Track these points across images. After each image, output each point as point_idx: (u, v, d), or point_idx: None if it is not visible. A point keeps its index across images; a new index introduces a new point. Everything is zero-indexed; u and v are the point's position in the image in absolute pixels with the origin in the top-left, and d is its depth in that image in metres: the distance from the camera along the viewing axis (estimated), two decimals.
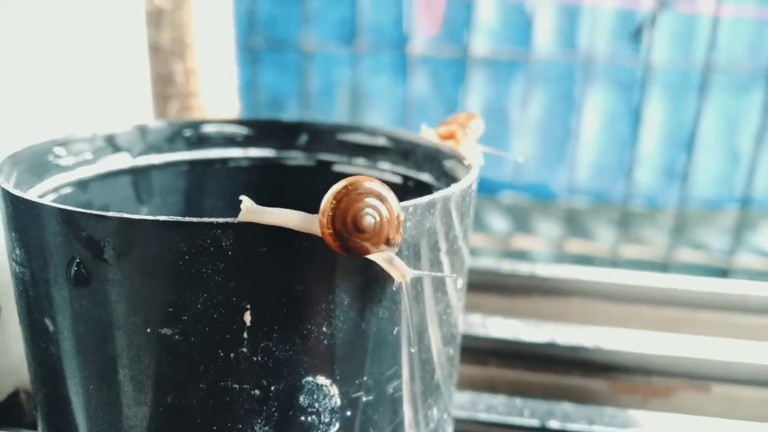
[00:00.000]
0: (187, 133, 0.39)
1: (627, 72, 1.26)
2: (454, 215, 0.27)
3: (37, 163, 0.32)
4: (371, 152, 0.39)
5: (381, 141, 0.38)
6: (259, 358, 0.23)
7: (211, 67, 0.55)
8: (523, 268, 0.53)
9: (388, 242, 0.23)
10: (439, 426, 0.31)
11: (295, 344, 0.24)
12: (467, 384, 0.45)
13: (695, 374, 0.45)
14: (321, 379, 0.24)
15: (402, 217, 0.23)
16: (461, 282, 0.30)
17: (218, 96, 0.56)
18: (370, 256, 0.23)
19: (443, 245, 0.27)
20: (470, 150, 0.33)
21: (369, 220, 0.22)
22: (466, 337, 0.46)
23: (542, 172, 1.33)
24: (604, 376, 0.46)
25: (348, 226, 0.22)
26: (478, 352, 0.46)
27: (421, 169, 0.37)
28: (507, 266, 0.53)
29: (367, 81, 1.28)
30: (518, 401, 0.40)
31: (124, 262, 0.22)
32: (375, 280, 0.24)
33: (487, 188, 1.32)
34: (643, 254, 1.19)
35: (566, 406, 0.40)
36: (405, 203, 0.24)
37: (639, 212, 1.34)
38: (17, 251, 0.25)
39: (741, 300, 0.50)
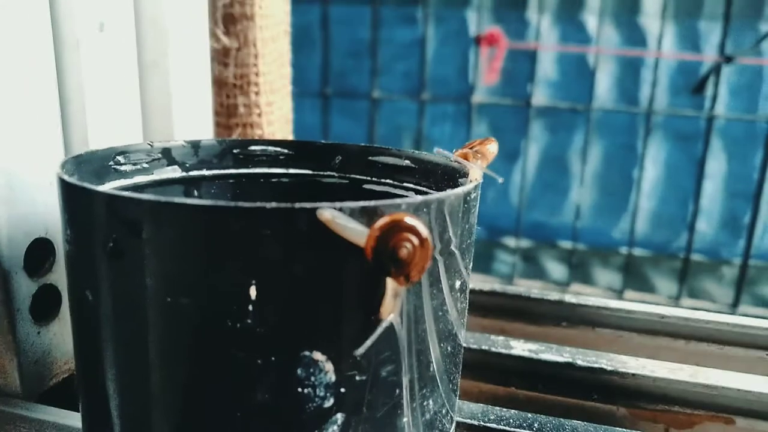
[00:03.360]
0: (235, 151, 0.44)
1: (689, 123, 1.26)
2: (449, 218, 0.30)
3: (98, 167, 0.37)
4: (398, 172, 0.42)
5: (406, 162, 0.42)
6: (262, 330, 0.27)
7: (269, 103, 0.60)
8: (552, 294, 0.54)
9: (408, 277, 0.26)
10: (437, 419, 0.33)
11: (294, 319, 0.27)
12: (490, 402, 0.46)
13: (719, 406, 0.45)
14: (317, 355, 0.27)
15: (428, 266, 0.26)
16: (458, 283, 0.32)
17: (276, 128, 0.61)
18: (388, 279, 0.26)
19: (437, 245, 0.29)
20: (477, 169, 0.36)
21: (404, 252, 0.25)
22: (488, 354, 0.48)
23: (602, 221, 1.32)
24: (624, 402, 0.46)
25: (387, 248, 0.25)
26: (500, 370, 0.48)
27: (440, 188, 0.40)
28: (536, 292, 0.55)
29: (431, 128, 1.32)
30: (529, 415, 0.41)
31: (152, 239, 0.26)
32: (369, 269, 0.27)
33: (546, 235, 1.33)
34: (705, 308, 1.17)
35: (577, 423, 0.41)
36: (399, 200, 0.27)
37: (701, 265, 1.31)
38: (68, 231, 0.30)
39: None
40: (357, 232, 0.25)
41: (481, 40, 1.25)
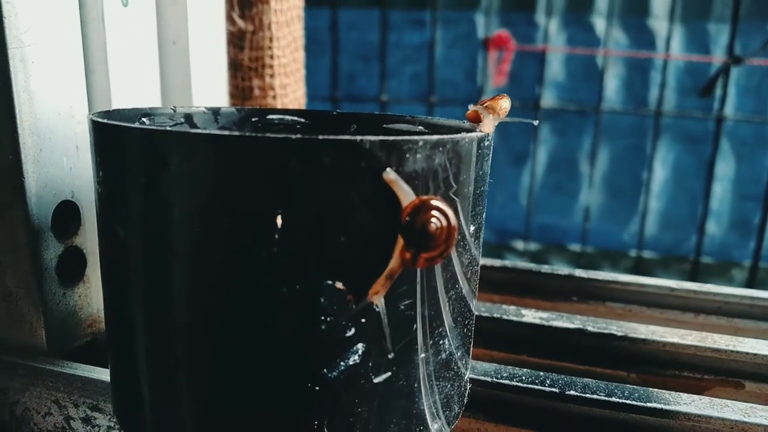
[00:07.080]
0: (254, 119, 0.45)
1: (698, 125, 1.27)
2: (463, 160, 0.31)
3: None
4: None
5: (420, 128, 0.43)
6: (287, 259, 0.28)
7: (284, 85, 0.62)
8: (563, 269, 0.55)
9: (416, 256, 0.27)
10: (452, 360, 0.34)
11: (317, 249, 0.28)
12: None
13: (729, 370, 0.46)
14: (339, 285, 0.28)
15: (441, 256, 0.28)
16: (472, 228, 0.33)
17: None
18: (400, 245, 0.28)
19: (453, 185, 0.31)
20: (490, 125, 0.37)
21: (432, 227, 0.27)
22: (500, 322, 0.49)
23: (611, 223, 1.33)
24: (635, 368, 0.47)
25: (419, 216, 0.27)
26: (512, 338, 0.49)
27: None
28: (547, 267, 0.56)
29: None
30: (542, 373, 0.42)
31: (181, 171, 0.28)
32: (389, 204, 0.28)
33: (555, 238, 1.33)
34: None
35: (588, 381, 0.42)
36: (416, 137, 0.28)
37: (710, 267, 1.31)
38: (100, 173, 0.31)
39: None
40: (406, 194, 0.27)
41: (490, 43, 1.27)
